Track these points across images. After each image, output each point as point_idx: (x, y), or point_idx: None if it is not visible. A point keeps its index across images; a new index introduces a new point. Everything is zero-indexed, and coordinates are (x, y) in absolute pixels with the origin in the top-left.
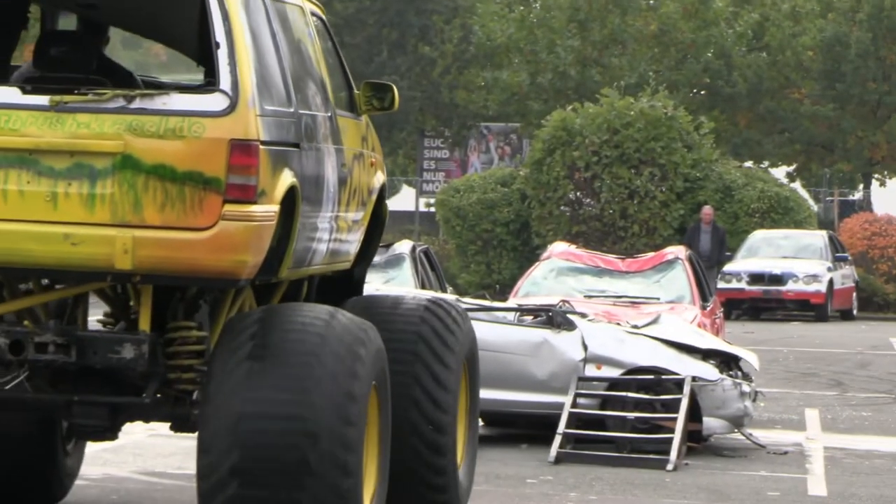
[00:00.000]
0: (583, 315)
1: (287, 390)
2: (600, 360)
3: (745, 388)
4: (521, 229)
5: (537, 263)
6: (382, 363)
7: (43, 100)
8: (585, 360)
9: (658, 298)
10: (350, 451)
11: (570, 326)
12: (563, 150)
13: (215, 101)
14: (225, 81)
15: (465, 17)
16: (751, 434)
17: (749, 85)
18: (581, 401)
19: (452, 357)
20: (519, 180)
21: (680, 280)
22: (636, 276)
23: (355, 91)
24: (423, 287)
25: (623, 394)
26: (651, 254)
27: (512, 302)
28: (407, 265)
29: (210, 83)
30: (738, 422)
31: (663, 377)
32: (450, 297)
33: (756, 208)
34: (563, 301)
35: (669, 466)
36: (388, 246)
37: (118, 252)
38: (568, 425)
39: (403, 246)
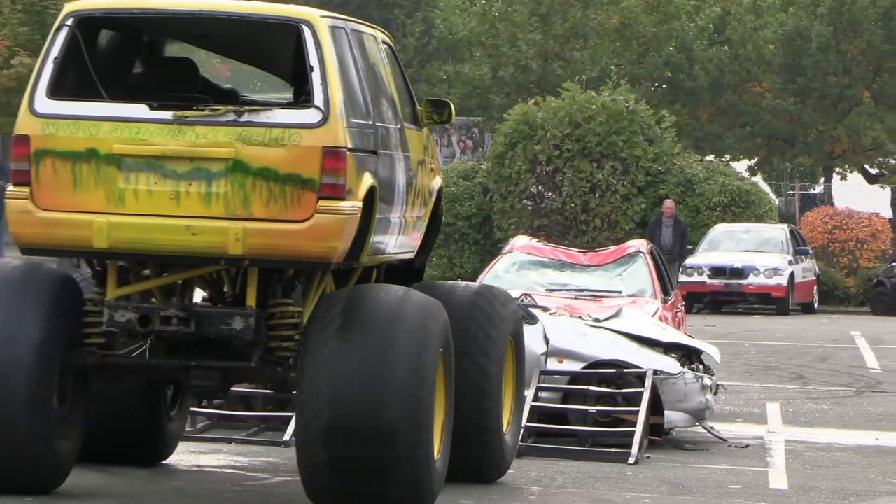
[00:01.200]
0: (544, 309)
1: (370, 360)
2: (562, 354)
3: (707, 381)
4: (483, 223)
5: (499, 257)
6: (448, 335)
7: (167, 115)
8: (547, 354)
9: (620, 292)
10: (423, 410)
11: (532, 320)
12: (524, 144)
13: (311, 116)
14: (318, 99)
15: (427, 11)
16: (712, 427)
17: (710, 79)
18: (543, 395)
19: (497, 334)
20: (481, 174)
21: (642, 274)
22: (598, 269)
23: (418, 107)
24: None
25: (585, 387)
26: (613, 247)
27: None
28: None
29: (305, 100)
30: (699, 415)
31: (625, 371)
32: None
33: (717, 202)
34: (525, 295)
35: (631, 460)
36: None
37: (231, 240)
38: (530, 419)
39: None
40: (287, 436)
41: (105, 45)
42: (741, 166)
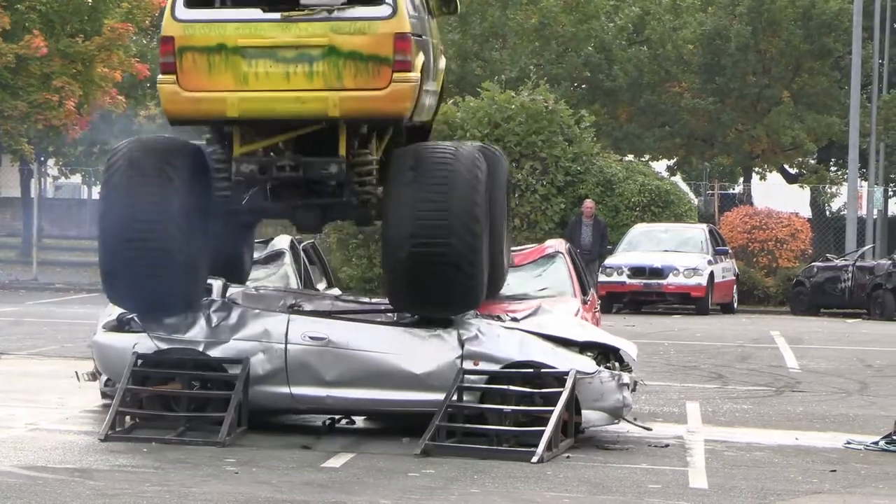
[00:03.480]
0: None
1: (438, 200)
2: (477, 357)
3: (626, 379)
4: None
5: None
6: (485, 177)
7: (276, 15)
8: (462, 357)
9: (539, 293)
10: (476, 237)
11: (447, 324)
12: None
13: (384, 10)
14: None
15: None
16: (635, 419)
17: (629, 79)
18: (465, 396)
19: (500, 177)
20: None
21: (561, 274)
22: (517, 270)
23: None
24: (305, 282)
25: (504, 387)
26: (531, 247)
27: None
28: (286, 260)
29: None
30: (616, 413)
31: (543, 370)
32: (328, 295)
33: (637, 202)
34: None
35: (534, 458)
36: (267, 241)
37: (330, 106)
38: (451, 419)
39: (282, 241)
40: (221, 436)
41: None
42: (660, 166)
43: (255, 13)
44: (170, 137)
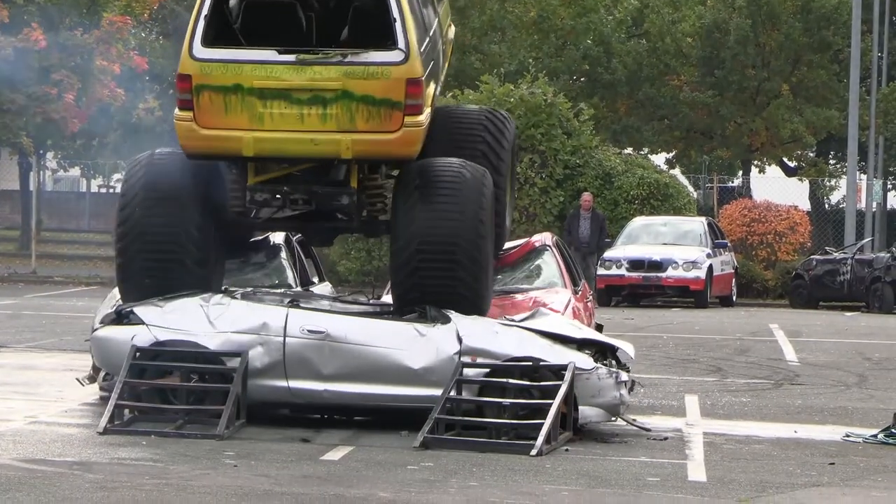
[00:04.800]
0: None
1: (446, 214)
2: (475, 353)
3: (623, 377)
4: None
5: None
6: (492, 190)
7: (291, 57)
8: (460, 353)
9: (531, 287)
10: (483, 251)
11: (445, 320)
12: None
13: (397, 55)
14: (401, 43)
15: None
16: (635, 420)
17: (628, 72)
18: (464, 389)
19: (506, 143)
20: None
21: (550, 267)
22: (506, 269)
23: None
24: (300, 276)
25: (503, 380)
26: (520, 242)
27: (387, 297)
28: (283, 255)
29: (392, 44)
30: (613, 410)
31: (542, 364)
32: (326, 291)
33: (635, 195)
34: None
35: (533, 451)
36: (263, 238)
37: (343, 148)
38: (450, 413)
39: (277, 236)
40: (220, 429)
41: (236, 1)
42: (659, 159)
43: (271, 55)
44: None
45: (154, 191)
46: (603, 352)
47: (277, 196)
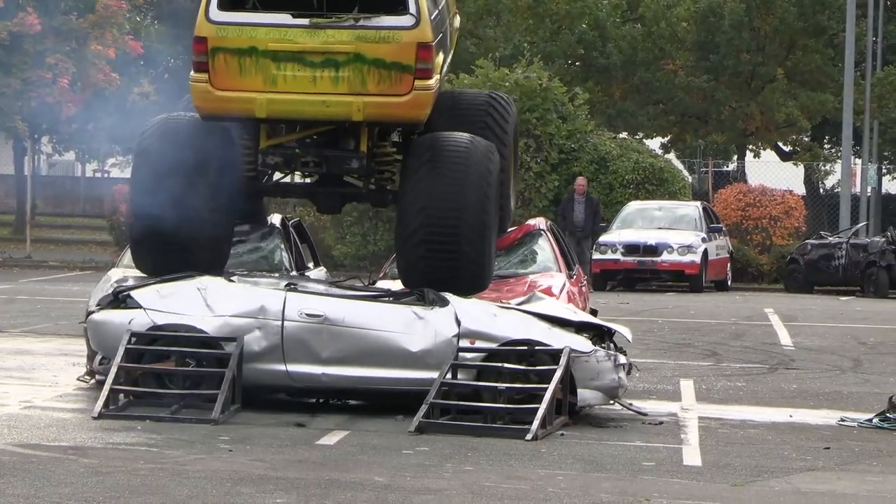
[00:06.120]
0: None
1: (452, 188)
2: (473, 335)
3: (621, 359)
4: None
5: None
6: (498, 166)
7: (305, 21)
8: (459, 336)
9: (525, 271)
10: (486, 226)
11: (443, 302)
12: None
13: (408, 20)
14: (412, 8)
15: None
16: (631, 404)
17: (623, 56)
18: (460, 373)
19: (507, 125)
20: None
21: (545, 251)
22: (500, 254)
23: None
24: (296, 259)
25: (499, 364)
26: (512, 229)
27: (382, 283)
28: (277, 238)
29: (403, 9)
30: (612, 393)
31: (538, 348)
32: (321, 276)
33: (631, 179)
34: None
35: (529, 436)
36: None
37: (354, 110)
38: (444, 397)
39: (273, 218)
40: (215, 414)
41: None
42: (654, 143)
43: (285, 18)
44: (196, 118)
45: (167, 157)
46: (601, 335)
47: (289, 159)
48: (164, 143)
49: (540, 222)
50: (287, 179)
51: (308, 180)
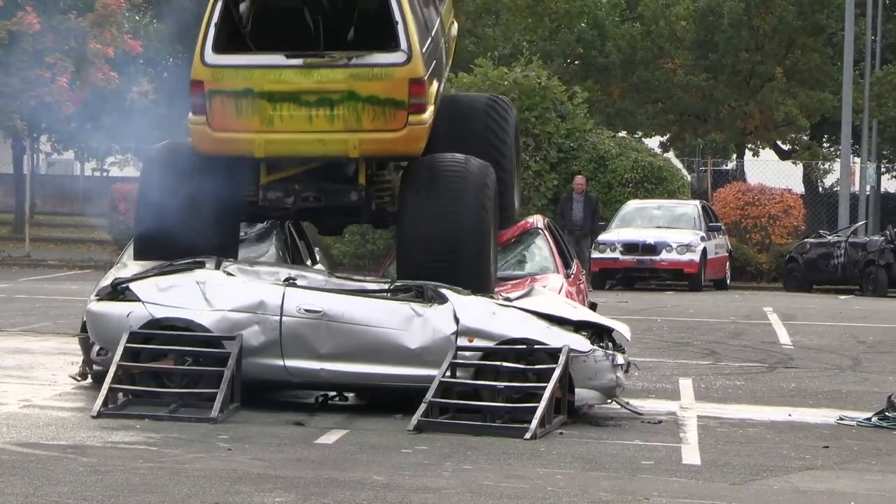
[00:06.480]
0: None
1: (450, 210)
2: (472, 333)
3: (619, 359)
4: None
5: None
6: (495, 184)
7: (299, 61)
8: (457, 333)
9: (523, 273)
10: (485, 244)
11: (442, 300)
12: None
13: (399, 57)
14: (404, 44)
15: None
16: (628, 403)
17: (623, 55)
18: (458, 372)
19: (508, 126)
20: None
21: (542, 250)
22: (497, 248)
23: None
24: (293, 258)
25: (497, 363)
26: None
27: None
28: (273, 237)
29: (395, 45)
30: (610, 392)
31: (536, 347)
32: (320, 271)
33: (629, 178)
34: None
35: (527, 435)
36: None
37: (350, 147)
38: (443, 395)
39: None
40: (213, 413)
41: (245, 8)
42: (653, 142)
43: (279, 59)
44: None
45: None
46: (599, 333)
47: (289, 194)
48: (168, 173)
49: (537, 220)
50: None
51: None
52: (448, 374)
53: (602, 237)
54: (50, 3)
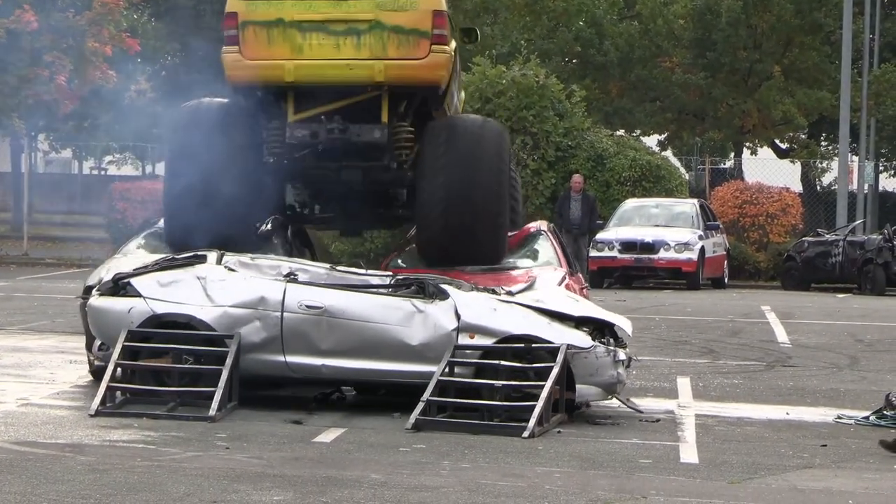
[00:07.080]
0: (456, 284)
1: (468, 169)
2: (473, 329)
3: (621, 355)
4: None
5: (410, 233)
6: (509, 145)
7: None
8: (458, 330)
9: (527, 266)
10: (501, 201)
11: (443, 296)
12: None
13: None
14: None
15: None
16: (628, 399)
17: (620, 53)
18: (457, 370)
19: (506, 152)
20: None
21: (547, 250)
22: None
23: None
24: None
25: (496, 362)
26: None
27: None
28: (276, 240)
29: None
30: (610, 389)
31: (535, 345)
32: (322, 265)
33: (627, 176)
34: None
35: (525, 433)
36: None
37: (376, 72)
38: (441, 394)
39: (274, 221)
40: (212, 411)
41: None
42: (651, 141)
43: None
44: (225, 102)
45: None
46: (601, 329)
47: (315, 131)
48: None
49: (542, 224)
50: (319, 211)
51: (333, 137)
52: (447, 371)
53: (600, 236)
54: (48, 2)
